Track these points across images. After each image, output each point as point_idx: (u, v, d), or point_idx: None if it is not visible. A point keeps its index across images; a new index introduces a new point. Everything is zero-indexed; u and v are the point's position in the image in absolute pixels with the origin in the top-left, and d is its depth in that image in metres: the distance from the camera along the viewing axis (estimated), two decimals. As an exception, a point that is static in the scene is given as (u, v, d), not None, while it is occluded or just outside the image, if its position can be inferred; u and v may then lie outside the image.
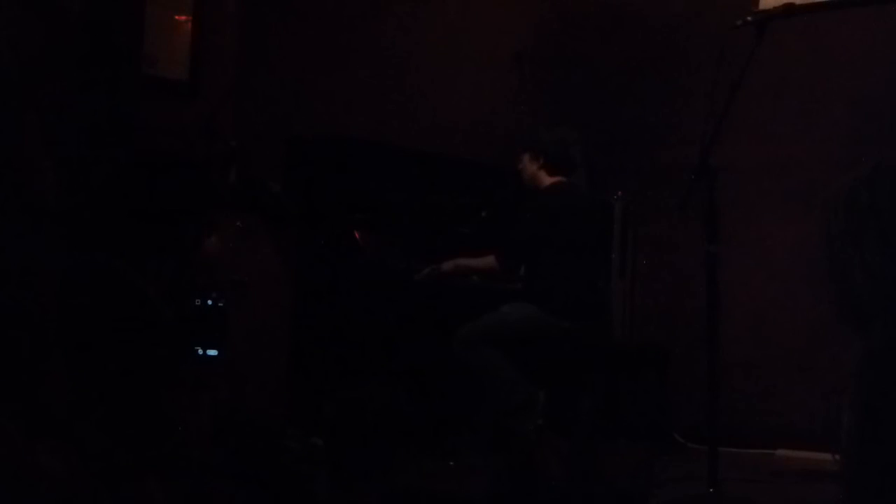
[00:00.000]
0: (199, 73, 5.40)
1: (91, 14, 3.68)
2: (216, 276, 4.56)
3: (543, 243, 4.63)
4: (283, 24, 5.74)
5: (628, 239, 5.79)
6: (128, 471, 2.02)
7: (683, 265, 5.58)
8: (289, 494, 3.12)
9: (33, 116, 2.52)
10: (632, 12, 6.14)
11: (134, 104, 4.22)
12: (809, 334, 5.10)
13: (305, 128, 5.47)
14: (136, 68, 4.40)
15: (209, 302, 4.38)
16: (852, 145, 5.01)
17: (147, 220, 4.22)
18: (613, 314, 5.67)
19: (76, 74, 3.49)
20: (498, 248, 4.68)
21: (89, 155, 3.49)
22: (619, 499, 3.50)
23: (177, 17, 5.37)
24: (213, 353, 4.28)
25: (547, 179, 4.77)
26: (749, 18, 3.62)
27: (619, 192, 5.78)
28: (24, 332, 2.17)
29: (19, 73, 2.91)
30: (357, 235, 4.91)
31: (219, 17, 5.51)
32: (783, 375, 5.38)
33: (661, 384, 5.09)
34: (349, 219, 4.97)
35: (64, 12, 3.34)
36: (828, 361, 4.67)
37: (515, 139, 5.01)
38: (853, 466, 1.77)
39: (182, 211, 4.55)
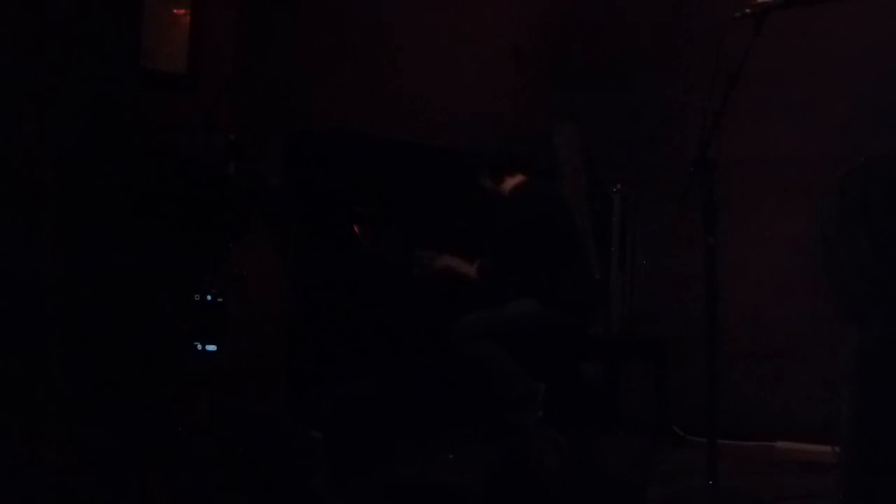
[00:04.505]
0: (198, 67, 5.39)
1: (89, 7, 3.67)
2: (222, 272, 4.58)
3: (528, 244, 4.63)
4: (282, 18, 5.73)
5: (627, 232, 5.79)
6: (127, 464, 2.03)
7: (682, 258, 5.58)
8: (288, 488, 3.12)
9: (31, 110, 2.51)
10: (630, 4, 6.14)
11: (133, 98, 4.22)
12: (808, 326, 5.11)
13: (304, 121, 5.47)
14: (135, 62, 4.39)
15: (208, 297, 4.39)
16: (851, 137, 5.00)
17: (153, 216, 4.23)
18: (612, 307, 5.68)
19: (74, 68, 3.48)
20: (480, 262, 4.66)
21: (88, 148, 3.49)
22: (617, 491, 3.50)
23: (175, 11, 5.36)
24: (211, 348, 4.28)
25: (509, 183, 4.78)
26: (747, 10, 3.61)
27: (618, 185, 5.78)
28: (25, 328, 2.17)
29: (17, 67, 2.91)
30: (356, 229, 4.91)
31: (217, 11, 5.50)
32: (782, 367, 5.39)
33: (660, 377, 5.10)
34: (348, 213, 4.97)
35: (62, 5, 3.34)
36: (827, 353, 4.67)
37: (466, 166, 4.97)
38: (851, 457, 1.78)
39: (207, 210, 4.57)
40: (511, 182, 4.78)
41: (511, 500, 3.32)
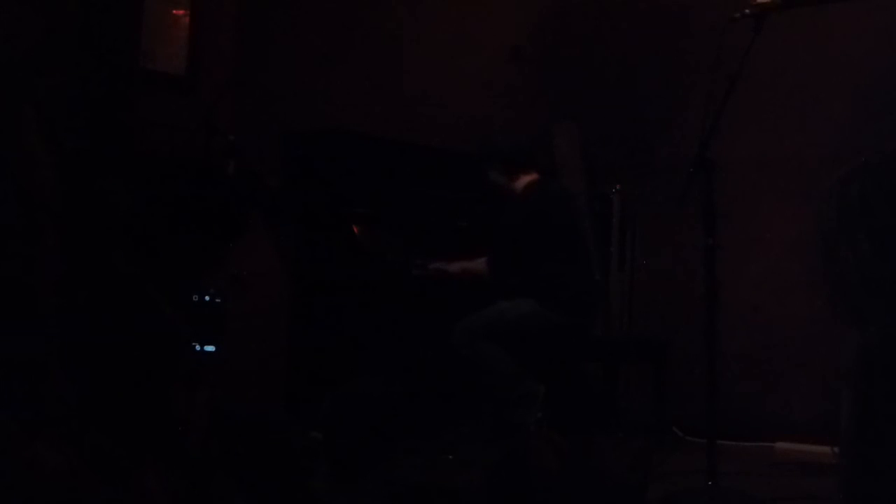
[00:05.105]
0: (197, 68, 5.40)
1: (88, 8, 3.67)
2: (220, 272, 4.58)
3: (536, 243, 4.63)
4: (281, 19, 5.74)
5: (626, 233, 5.79)
6: (126, 465, 2.02)
7: (682, 259, 5.58)
8: (288, 489, 3.12)
9: (31, 110, 2.51)
10: (629, 6, 6.14)
11: (133, 98, 4.22)
12: (808, 327, 5.10)
13: (303, 122, 5.47)
14: (134, 63, 4.40)
15: (207, 298, 4.39)
16: (850, 138, 5.00)
17: (153, 216, 4.24)
18: (612, 308, 5.67)
19: (74, 69, 3.48)
20: (489, 258, 4.67)
21: (88, 149, 3.49)
22: (617, 492, 3.50)
23: (174, 12, 5.37)
24: (210, 348, 4.28)
25: (523, 180, 4.77)
26: (747, 11, 3.61)
27: (618, 186, 5.78)
28: (25, 329, 2.17)
29: (17, 67, 2.91)
30: (355, 230, 4.91)
31: (216, 12, 5.51)
32: (782, 368, 5.38)
33: (659, 377, 5.09)
34: (347, 213, 4.97)
35: (62, 5, 3.34)
36: (826, 354, 4.66)
37: (479, 157, 4.96)
38: (850, 459, 1.78)
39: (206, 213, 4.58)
40: (525, 179, 4.77)
41: (511, 500, 3.32)
